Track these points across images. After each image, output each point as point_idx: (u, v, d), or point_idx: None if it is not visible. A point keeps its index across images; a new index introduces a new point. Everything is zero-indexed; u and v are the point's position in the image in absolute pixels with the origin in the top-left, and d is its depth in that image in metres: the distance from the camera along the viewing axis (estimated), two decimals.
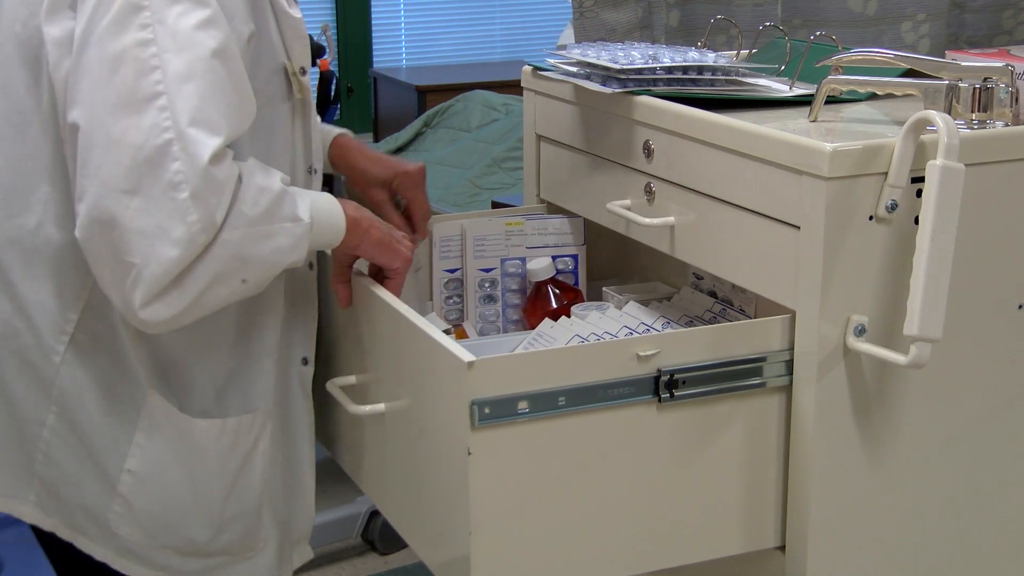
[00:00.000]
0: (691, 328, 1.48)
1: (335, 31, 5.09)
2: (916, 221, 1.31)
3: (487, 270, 1.80)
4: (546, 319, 1.65)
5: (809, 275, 1.34)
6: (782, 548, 1.45)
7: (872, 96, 1.59)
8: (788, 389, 1.41)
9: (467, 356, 1.28)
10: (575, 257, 1.83)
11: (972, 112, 1.40)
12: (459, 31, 5.39)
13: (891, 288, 1.36)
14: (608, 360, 1.34)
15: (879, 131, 1.42)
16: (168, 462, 1.48)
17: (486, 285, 1.80)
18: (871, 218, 1.33)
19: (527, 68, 1.85)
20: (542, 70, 1.79)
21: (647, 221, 1.56)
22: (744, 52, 1.85)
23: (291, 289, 1.55)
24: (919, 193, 1.32)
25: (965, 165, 1.29)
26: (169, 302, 1.31)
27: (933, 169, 1.28)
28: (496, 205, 2.95)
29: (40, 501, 1.51)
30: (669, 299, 1.73)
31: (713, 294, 1.65)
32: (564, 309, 1.70)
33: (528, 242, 1.81)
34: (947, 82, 1.42)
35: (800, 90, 1.59)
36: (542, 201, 1.88)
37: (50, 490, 1.50)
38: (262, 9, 1.44)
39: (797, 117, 1.47)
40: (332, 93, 4.00)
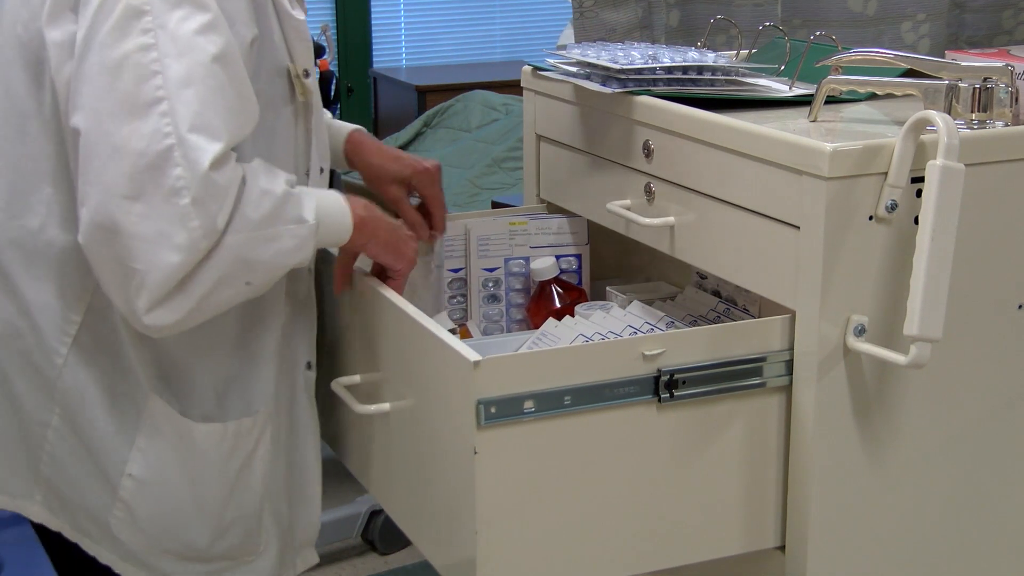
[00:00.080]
0: (690, 328, 1.48)
1: (335, 31, 5.09)
2: (916, 221, 1.31)
3: (491, 270, 1.80)
4: (550, 319, 1.65)
5: (809, 275, 1.34)
6: (782, 548, 1.45)
7: (872, 96, 1.59)
8: (788, 389, 1.41)
9: (473, 355, 1.28)
10: (579, 257, 1.83)
11: (972, 112, 1.40)
12: (459, 31, 5.38)
13: (891, 288, 1.36)
14: (613, 360, 1.34)
15: (879, 131, 1.42)
16: (169, 466, 1.48)
17: (490, 285, 1.80)
18: (871, 218, 1.33)
19: (527, 68, 1.84)
20: (542, 70, 1.79)
21: (647, 221, 1.56)
22: (744, 52, 1.84)
23: (292, 292, 1.55)
24: (919, 193, 1.32)
25: (965, 165, 1.29)
26: (173, 307, 1.31)
27: (933, 169, 1.28)
28: (496, 205, 2.95)
29: (46, 501, 1.51)
30: (673, 299, 1.72)
31: (717, 293, 1.65)
32: (568, 309, 1.70)
33: (532, 242, 1.81)
34: (947, 82, 1.42)
35: (800, 90, 1.59)
36: (542, 201, 1.88)
37: (55, 491, 1.50)
38: (265, 11, 1.43)
39: (797, 117, 1.47)
40: (332, 93, 4.01)
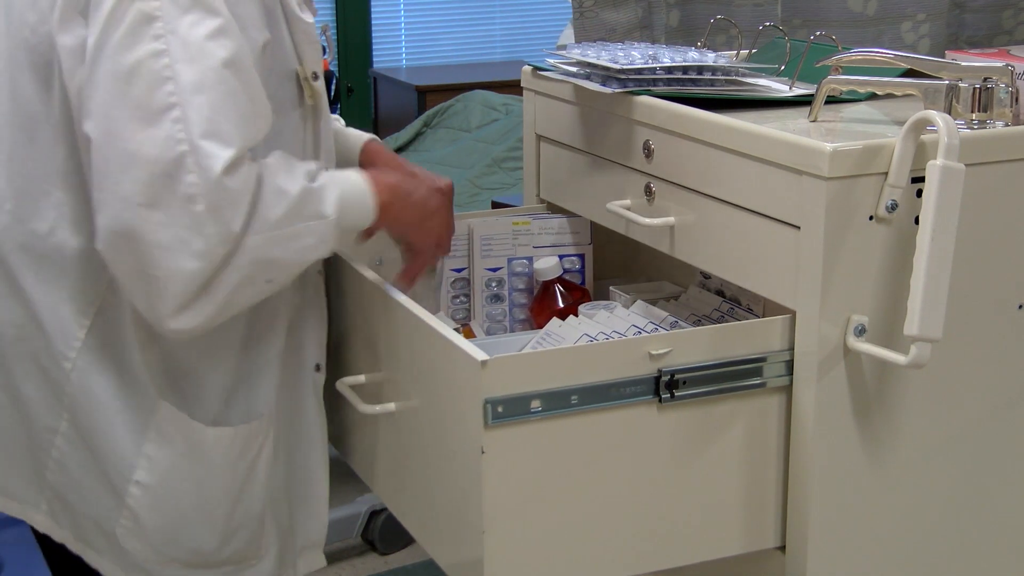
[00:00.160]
0: (690, 328, 1.48)
1: (335, 31, 5.09)
2: (916, 221, 1.31)
3: (494, 269, 1.80)
4: (554, 318, 1.65)
5: (809, 275, 1.34)
6: (782, 548, 1.45)
7: (872, 96, 1.59)
8: (788, 389, 1.40)
9: (481, 355, 1.28)
10: (582, 256, 1.83)
11: (972, 112, 1.40)
12: (459, 31, 5.38)
13: (891, 288, 1.36)
14: (620, 359, 1.33)
15: (879, 131, 1.42)
16: (177, 473, 1.47)
17: (493, 284, 1.80)
18: (871, 218, 1.33)
19: (527, 68, 1.84)
20: (542, 70, 1.79)
21: (647, 221, 1.56)
22: (744, 52, 1.84)
23: (300, 293, 1.54)
24: (919, 193, 1.32)
25: (965, 165, 1.29)
26: (197, 310, 1.31)
27: (933, 169, 1.28)
28: (496, 205, 2.95)
29: (51, 510, 1.50)
30: (676, 298, 1.72)
31: (721, 293, 1.65)
32: (571, 308, 1.70)
33: (535, 241, 1.81)
34: (947, 82, 1.42)
35: (800, 90, 1.59)
36: (542, 201, 1.88)
37: (61, 500, 1.49)
38: (275, 14, 1.43)
39: (797, 117, 1.47)
40: (332, 93, 4.01)
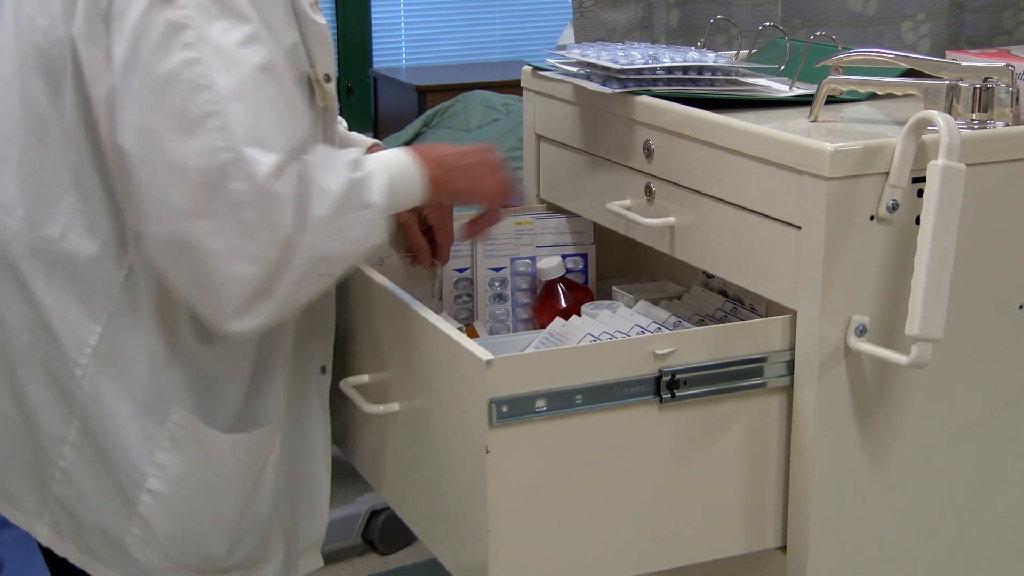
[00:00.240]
0: (691, 329, 1.48)
1: (335, 31, 5.09)
2: (917, 221, 1.31)
3: (497, 269, 1.80)
4: (557, 318, 1.65)
5: (810, 275, 1.34)
6: (783, 548, 1.45)
7: (872, 96, 1.58)
8: (789, 389, 1.40)
9: (486, 355, 1.28)
10: (585, 256, 1.83)
11: (972, 112, 1.40)
12: (459, 31, 5.38)
13: (892, 288, 1.36)
14: (624, 359, 1.33)
15: (880, 131, 1.42)
16: (189, 480, 1.46)
17: (496, 284, 1.80)
18: (872, 218, 1.33)
19: (527, 68, 1.84)
20: (542, 70, 1.79)
21: (647, 221, 1.56)
22: (744, 52, 1.84)
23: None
24: (920, 193, 1.32)
25: (966, 165, 1.29)
26: (258, 311, 1.32)
27: (934, 169, 1.28)
28: None
29: (55, 522, 1.49)
30: (679, 298, 1.72)
31: (724, 292, 1.65)
32: (574, 308, 1.69)
33: (538, 241, 1.81)
34: (947, 82, 1.42)
35: (800, 90, 1.59)
36: (542, 201, 1.88)
37: (66, 510, 1.48)
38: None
39: (797, 117, 1.47)
40: None
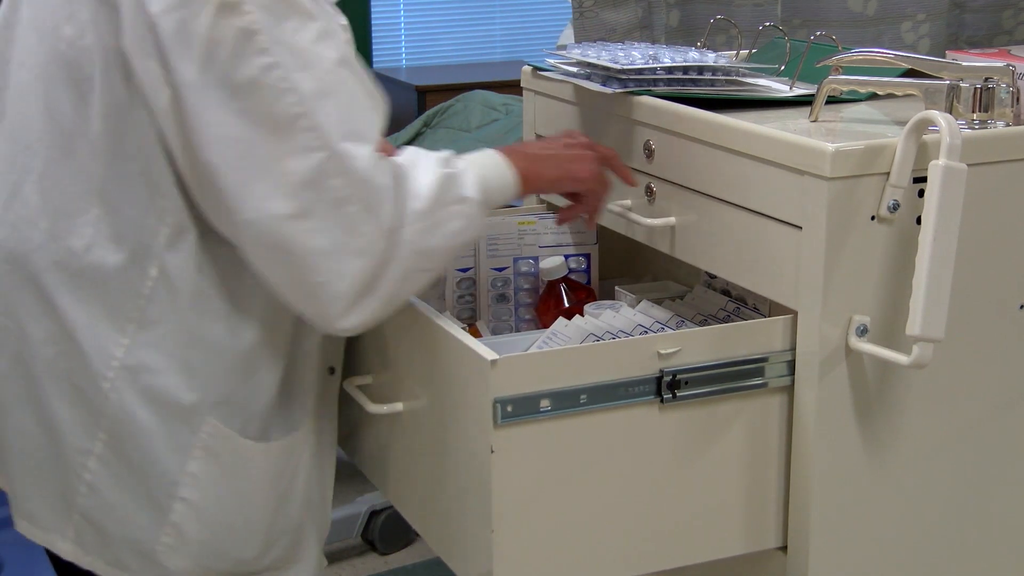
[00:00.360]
0: (691, 329, 1.48)
1: None
2: (918, 221, 1.31)
3: (500, 269, 1.80)
4: (560, 318, 1.64)
5: (811, 275, 1.34)
6: (784, 548, 1.45)
7: (872, 96, 1.58)
8: (790, 389, 1.40)
9: (491, 355, 1.28)
10: (587, 256, 1.83)
11: (973, 112, 1.40)
12: (459, 31, 5.38)
13: (893, 288, 1.36)
14: (629, 358, 1.34)
15: (880, 131, 1.42)
16: (223, 487, 1.44)
17: (499, 284, 1.80)
18: (873, 218, 1.33)
19: (527, 68, 1.84)
20: (542, 70, 1.79)
21: (648, 221, 1.56)
22: (744, 52, 1.84)
23: None
24: (921, 193, 1.32)
25: (967, 165, 1.29)
26: (364, 307, 1.32)
27: (935, 169, 1.28)
28: None
29: (79, 537, 1.47)
30: (682, 298, 1.72)
31: (727, 292, 1.64)
32: (577, 308, 1.69)
33: (540, 241, 1.81)
34: (948, 82, 1.42)
35: (800, 90, 1.59)
36: (541, 202, 1.88)
37: (92, 524, 1.46)
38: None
39: (797, 117, 1.47)
40: None
